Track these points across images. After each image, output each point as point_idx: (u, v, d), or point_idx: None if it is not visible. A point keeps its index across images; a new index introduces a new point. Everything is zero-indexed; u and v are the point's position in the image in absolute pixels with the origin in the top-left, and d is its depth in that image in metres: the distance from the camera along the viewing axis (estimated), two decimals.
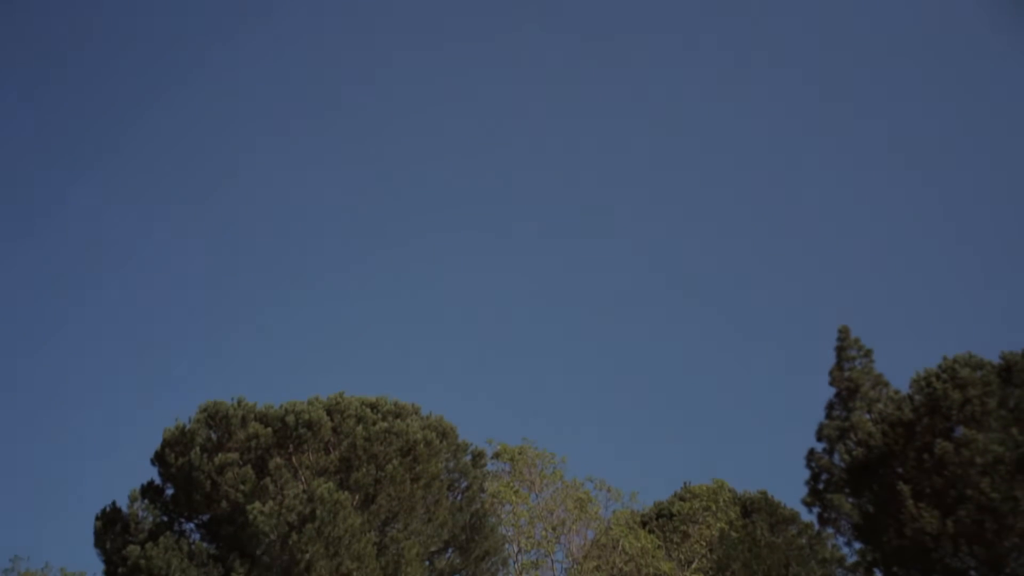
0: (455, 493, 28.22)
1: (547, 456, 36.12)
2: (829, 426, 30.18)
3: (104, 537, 24.36)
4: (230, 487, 22.65)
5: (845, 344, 32.82)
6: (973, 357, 19.51)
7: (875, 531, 20.03)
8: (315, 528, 21.22)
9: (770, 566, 32.82)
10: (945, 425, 18.88)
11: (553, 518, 34.10)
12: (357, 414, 25.13)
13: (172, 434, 24.71)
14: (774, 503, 37.53)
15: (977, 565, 17.98)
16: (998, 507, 17.16)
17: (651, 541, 32.56)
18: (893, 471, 19.62)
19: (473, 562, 27.56)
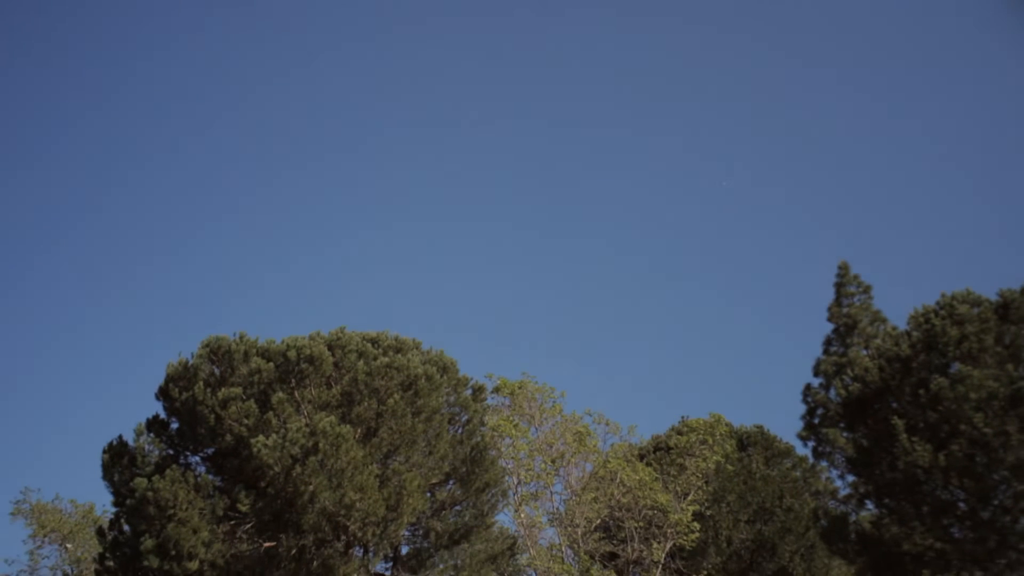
0: (456, 427, 28.55)
1: (546, 390, 36.50)
2: (826, 362, 30.38)
3: (111, 470, 24.74)
4: (234, 421, 22.89)
5: (844, 280, 32.81)
6: (971, 294, 19.51)
7: (868, 464, 20.31)
8: (318, 461, 21.50)
9: (764, 498, 33.51)
10: (941, 361, 18.99)
11: (552, 451, 34.59)
12: (358, 349, 25.26)
13: (175, 369, 24.89)
14: (770, 437, 38.10)
15: (966, 497, 18.30)
16: (990, 441, 17.38)
17: (648, 473, 33.10)
18: (888, 406, 19.79)
19: (474, 493, 28.02)
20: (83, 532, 38.90)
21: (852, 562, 21.56)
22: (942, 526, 18.61)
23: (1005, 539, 17.91)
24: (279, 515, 22.50)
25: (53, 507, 39.73)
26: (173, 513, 21.75)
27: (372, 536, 23.32)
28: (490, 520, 28.92)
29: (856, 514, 21.82)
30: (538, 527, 33.95)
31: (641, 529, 32.43)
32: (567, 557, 32.78)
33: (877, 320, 31.10)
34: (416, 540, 28.20)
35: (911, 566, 18.75)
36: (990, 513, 18.13)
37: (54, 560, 39.44)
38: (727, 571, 34.14)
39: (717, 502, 33.86)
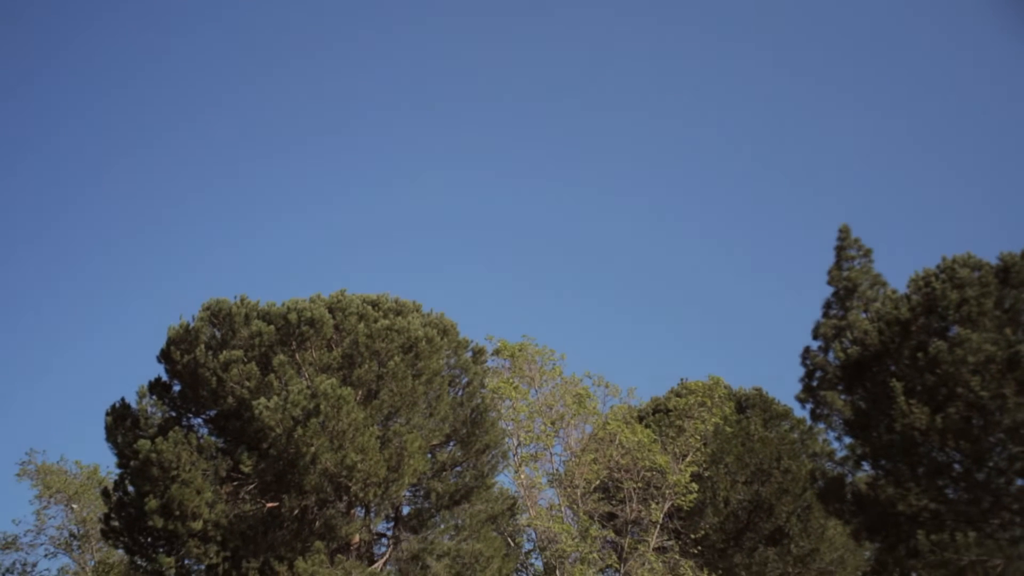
0: (456, 389, 28.70)
1: (546, 353, 36.60)
2: (825, 325, 30.48)
3: (115, 432, 24.93)
4: (235, 383, 23.03)
5: (845, 243, 32.74)
6: (972, 258, 19.47)
7: (866, 426, 20.44)
8: (319, 422, 21.65)
9: (762, 459, 33.81)
10: (941, 325, 19.02)
11: (552, 413, 34.79)
12: (359, 312, 25.31)
13: (176, 332, 24.96)
14: (768, 399, 38.32)
15: (962, 459, 18.47)
16: (986, 404, 17.48)
17: (647, 435, 33.31)
18: (886, 369, 19.87)
19: (474, 455, 28.27)
20: (88, 493, 39.37)
21: (848, 522, 21.83)
22: (937, 487, 18.80)
23: (999, 500, 18.11)
24: (281, 476, 22.72)
25: (58, 468, 40.18)
26: (176, 474, 21.97)
27: (373, 497, 23.57)
28: (490, 481, 29.22)
29: (852, 475, 22.11)
30: (538, 488, 34.30)
31: (639, 490, 32.75)
32: (566, 517, 33.14)
33: (877, 283, 31.10)
34: (417, 500, 28.53)
35: (906, 526, 18.98)
36: (985, 475, 18.31)
37: (60, 520, 40.01)
38: (724, 531, 34.56)
39: (715, 463, 34.17)
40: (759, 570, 34.33)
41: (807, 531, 33.13)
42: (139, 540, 24.27)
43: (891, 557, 21.66)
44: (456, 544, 25.28)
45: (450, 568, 24.70)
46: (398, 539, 26.67)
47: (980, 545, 17.38)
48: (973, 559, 17.33)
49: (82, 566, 40.62)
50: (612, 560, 32.44)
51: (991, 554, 17.41)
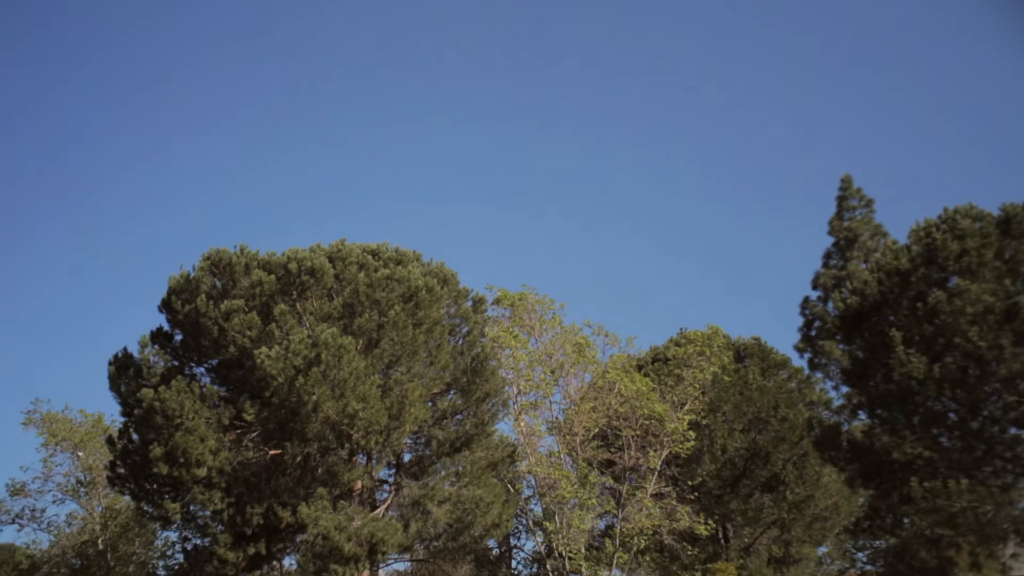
0: (456, 338, 28.82)
1: (546, 302, 36.65)
2: (825, 275, 30.44)
3: (118, 381, 25.11)
4: (237, 333, 23.10)
5: (847, 194, 32.53)
6: (974, 208, 19.34)
7: (863, 376, 20.52)
8: (320, 371, 21.76)
9: (760, 408, 34.14)
10: (940, 275, 18.98)
11: (552, 362, 34.98)
12: (359, 261, 25.28)
13: (177, 282, 24.97)
14: (766, 348, 38.52)
15: (957, 408, 18.60)
16: (983, 354, 17.54)
17: (646, 384, 33.55)
18: (885, 319, 19.90)
19: (474, 403, 28.50)
20: (93, 441, 39.80)
21: (843, 470, 22.08)
22: (932, 436, 18.99)
23: (992, 448, 18.30)
24: (284, 424, 22.95)
25: (63, 417, 40.56)
26: (180, 422, 22.19)
27: (375, 444, 23.84)
28: (490, 428, 29.53)
29: (848, 424, 22.26)
30: (537, 435, 34.64)
31: (638, 437, 33.10)
32: (566, 464, 33.55)
33: (878, 234, 30.98)
34: (418, 448, 28.86)
35: (900, 474, 19.24)
36: (979, 423, 18.46)
37: (67, 467, 40.51)
38: (721, 478, 35.08)
39: (713, 412, 34.50)
40: (755, 516, 34.97)
41: (802, 478, 33.62)
42: (145, 487, 24.63)
43: (884, 503, 22.03)
44: (457, 490, 25.64)
45: (451, 513, 25.09)
46: (399, 485, 27.05)
47: (972, 492, 17.65)
48: (964, 506, 17.62)
49: (90, 512, 41.28)
50: (610, 506, 32.96)
51: (982, 501, 17.69)
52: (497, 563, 42.75)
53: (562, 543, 31.50)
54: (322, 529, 22.06)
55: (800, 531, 34.68)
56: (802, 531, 34.70)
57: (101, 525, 40.07)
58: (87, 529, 40.59)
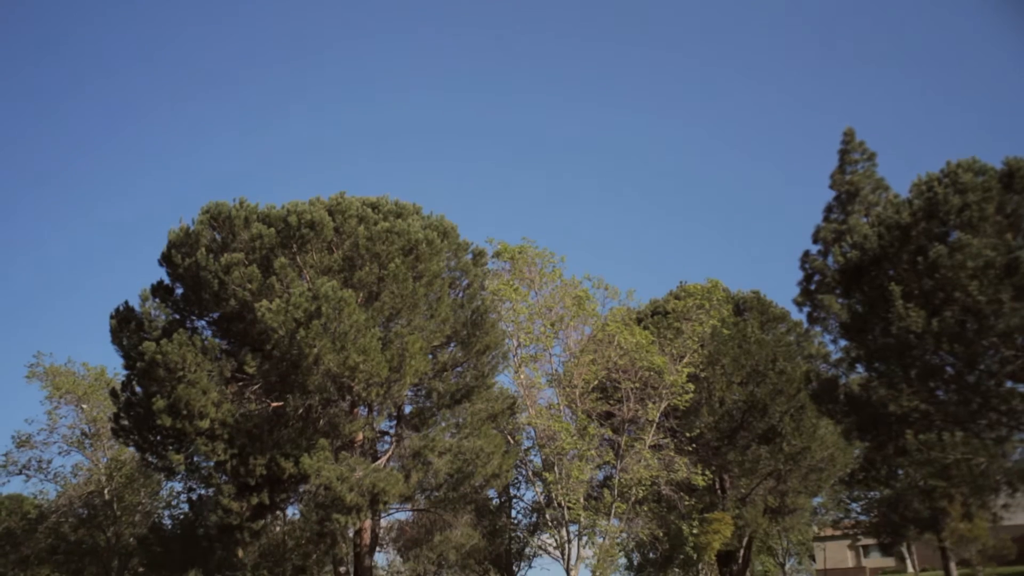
0: (456, 291, 28.85)
1: (546, 255, 36.61)
2: (826, 229, 30.33)
3: (120, 334, 25.20)
4: (237, 286, 23.10)
5: (849, 147, 32.22)
6: (977, 162, 19.18)
7: (861, 330, 20.58)
8: (321, 324, 21.81)
9: (758, 361, 34.33)
10: (941, 230, 18.91)
11: (552, 315, 35.07)
12: (359, 214, 25.19)
13: (177, 236, 24.91)
14: (766, 302, 38.59)
15: (954, 362, 18.68)
16: (982, 308, 17.56)
17: (645, 337, 33.68)
18: (885, 273, 19.87)
19: (474, 355, 28.64)
20: (97, 393, 40.13)
21: (839, 422, 22.28)
22: (928, 389, 19.11)
23: (987, 401, 18.42)
24: (285, 376, 23.10)
25: (66, 370, 40.85)
26: (182, 375, 22.34)
27: (376, 396, 24.01)
28: (491, 381, 29.73)
29: (846, 377, 22.39)
30: (537, 387, 34.87)
31: (637, 390, 33.35)
32: (565, 416, 33.86)
33: (879, 188, 30.76)
34: (419, 400, 29.09)
35: (895, 426, 19.41)
36: (976, 377, 18.56)
37: (71, 419, 40.94)
38: (719, 430, 35.44)
39: (712, 365, 34.70)
40: (751, 467, 35.39)
41: (799, 430, 33.96)
42: (148, 438, 24.89)
43: (879, 455, 22.30)
44: (457, 441, 25.90)
45: (451, 464, 25.39)
46: (400, 437, 27.33)
47: (966, 444, 17.82)
48: (958, 458, 17.80)
49: (95, 463, 41.81)
50: (609, 457, 33.33)
51: (976, 453, 17.87)
52: (497, 513, 43.42)
53: (561, 493, 31.95)
54: (324, 479, 22.33)
55: (796, 482, 35.15)
56: (798, 482, 35.17)
57: (107, 476, 40.63)
58: (93, 480, 41.17)
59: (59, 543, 39.66)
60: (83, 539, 39.88)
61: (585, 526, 33.11)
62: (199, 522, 26.00)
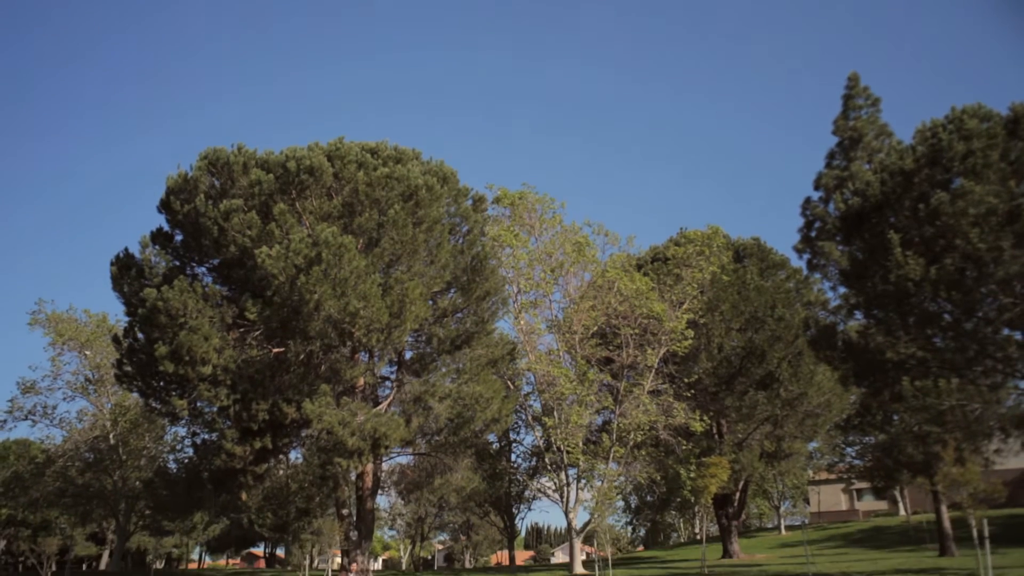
0: (456, 237, 28.79)
1: (547, 201, 36.51)
2: (828, 175, 30.04)
3: (121, 281, 25.23)
4: (237, 232, 23.04)
5: (853, 92, 31.78)
6: (982, 108, 18.91)
7: (861, 277, 20.52)
8: (321, 270, 21.80)
9: (757, 307, 34.45)
10: (944, 176, 18.72)
11: (552, 261, 35.11)
12: (358, 159, 24.99)
13: (175, 182, 24.77)
14: (766, 249, 38.56)
15: (952, 309, 18.69)
16: (982, 256, 17.49)
17: (645, 283, 33.76)
18: (886, 220, 19.75)
19: (474, 301, 28.72)
20: (99, 340, 40.41)
21: (837, 368, 22.35)
22: (926, 336, 19.16)
23: (984, 348, 18.48)
24: (286, 323, 23.17)
25: (68, 317, 41.06)
26: (184, 321, 22.42)
27: (376, 342, 24.12)
28: (491, 327, 29.88)
29: (844, 324, 22.40)
30: (537, 333, 35.08)
31: (636, 336, 33.53)
32: (565, 361, 34.12)
33: (883, 134, 30.37)
34: (419, 345, 29.28)
35: (892, 373, 19.52)
36: (973, 324, 18.59)
37: (75, 366, 41.31)
38: (717, 376, 35.73)
39: (711, 311, 34.82)
40: (749, 412, 35.78)
41: (797, 376, 34.25)
42: (152, 384, 25.09)
43: (875, 401, 22.48)
44: (457, 386, 26.11)
45: (451, 409, 25.64)
46: (401, 382, 27.56)
47: (961, 391, 17.95)
48: (953, 404, 17.95)
49: (99, 408, 42.29)
50: (608, 402, 33.71)
51: (971, 399, 18.01)
52: (497, 457, 44.10)
53: (560, 437, 32.38)
54: (326, 424, 22.56)
55: (792, 427, 35.57)
56: (794, 427, 35.59)
57: (111, 421, 41.13)
58: (98, 425, 41.69)
59: (67, 487, 40.33)
60: (90, 483, 40.54)
61: (584, 470, 33.63)
62: (203, 466, 26.35)
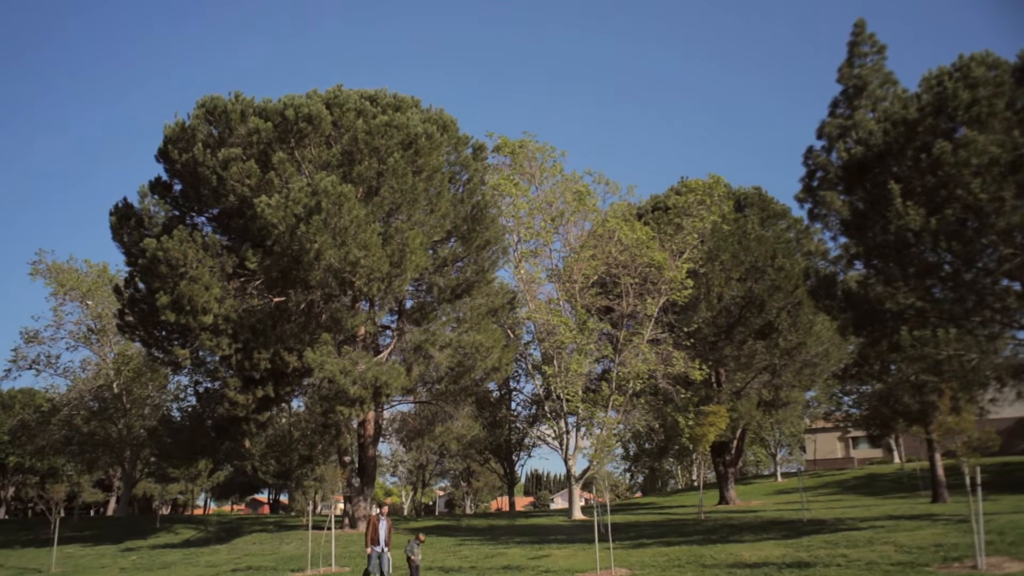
0: (456, 185, 28.70)
1: (547, 149, 36.22)
2: (831, 124, 29.70)
3: (121, 231, 25.22)
4: (236, 181, 22.97)
5: (859, 39, 31.23)
6: (990, 55, 18.56)
7: (862, 227, 20.44)
8: (321, 219, 21.78)
9: (757, 257, 34.42)
10: (948, 126, 18.49)
11: (552, 210, 34.97)
12: (357, 107, 24.79)
13: (173, 131, 24.58)
14: (767, 198, 38.38)
15: (952, 260, 18.63)
16: (984, 206, 17.38)
17: (646, 232, 33.67)
18: (888, 170, 19.61)
19: (475, 251, 28.75)
20: (100, 290, 40.53)
21: (836, 318, 22.40)
22: (925, 287, 19.15)
23: (983, 299, 18.49)
24: (287, 272, 23.23)
25: (69, 267, 41.11)
26: (184, 271, 22.49)
27: (377, 291, 24.22)
28: (491, 276, 29.97)
29: (844, 274, 22.40)
30: (537, 282, 35.14)
31: (636, 285, 33.58)
32: (565, 310, 34.22)
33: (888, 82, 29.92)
34: (420, 294, 29.40)
35: (891, 323, 19.57)
36: (973, 275, 18.56)
37: (77, 316, 41.48)
38: (716, 325, 35.88)
39: (711, 261, 34.81)
40: (747, 361, 36.01)
41: (796, 326, 34.40)
42: (154, 334, 25.26)
43: (873, 351, 22.57)
44: (457, 335, 26.27)
45: (452, 358, 25.84)
46: (402, 331, 27.73)
47: (959, 341, 18.00)
48: (951, 354, 18.02)
49: (103, 358, 42.58)
50: (608, 351, 33.88)
51: (968, 349, 18.07)
52: (497, 405, 44.56)
53: (560, 386, 32.64)
54: (328, 373, 22.76)
55: (790, 376, 35.84)
56: (792, 376, 35.86)
57: (115, 370, 41.46)
58: (101, 374, 42.04)
59: (72, 435, 40.83)
60: (95, 431, 41.03)
61: (583, 418, 33.98)
62: (207, 414, 26.67)
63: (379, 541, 13.70)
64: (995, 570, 11.58)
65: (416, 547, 14.17)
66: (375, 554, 13.65)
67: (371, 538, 13.72)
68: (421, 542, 14.35)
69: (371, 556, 13.68)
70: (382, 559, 13.68)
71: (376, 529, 13.75)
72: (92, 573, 22.04)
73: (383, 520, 14.01)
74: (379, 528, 13.77)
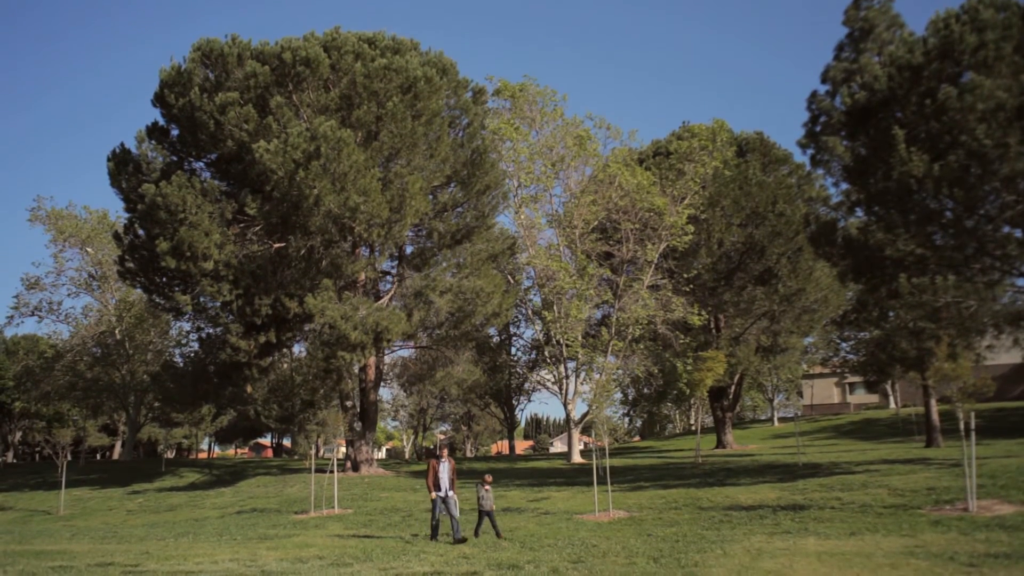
0: (456, 130, 28.46)
1: (548, 93, 35.80)
2: (836, 68, 29.19)
3: (119, 177, 25.07)
4: (233, 126, 22.76)
5: None
6: None
7: (864, 173, 20.28)
8: (321, 165, 21.67)
9: (758, 203, 34.28)
10: (954, 71, 18.22)
11: (552, 155, 34.71)
12: (355, 50, 24.42)
13: (169, 75, 24.25)
14: (769, 143, 38.03)
15: (954, 207, 18.54)
16: (988, 152, 17.22)
17: (647, 178, 33.48)
18: (892, 115, 19.39)
19: (475, 196, 28.63)
20: (100, 236, 40.46)
21: (835, 265, 22.37)
22: (926, 233, 19.09)
23: (983, 246, 18.44)
24: (286, 218, 23.19)
25: (68, 213, 40.98)
26: (184, 217, 22.43)
27: (377, 237, 24.20)
28: (491, 221, 29.90)
29: (845, 220, 22.30)
30: (537, 228, 35.08)
31: (636, 231, 33.53)
32: (565, 256, 34.23)
33: (895, 25, 29.29)
34: (420, 240, 29.37)
35: (890, 269, 19.57)
36: (974, 222, 18.49)
37: (78, 262, 41.48)
38: (716, 271, 35.91)
39: (712, 206, 34.68)
40: (746, 307, 36.14)
41: (795, 272, 34.42)
42: (154, 280, 25.32)
43: (872, 298, 22.64)
44: (458, 281, 26.34)
45: (452, 303, 25.93)
46: (402, 276, 27.79)
47: (958, 288, 18.03)
48: (949, 301, 18.07)
49: (104, 304, 42.72)
50: (608, 296, 34.00)
51: (966, 296, 18.11)
52: (497, 350, 44.87)
53: (560, 331, 32.83)
54: (329, 318, 22.88)
55: (789, 322, 35.98)
56: (791, 322, 36.01)
57: (116, 316, 41.64)
58: (104, 320, 42.23)
59: (76, 380, 41.17)
60: (99, 376, 41.36)
61: (583, 363, 34.26)
62: (209, 360, 26.87)
63: (440, 486, 12.73)
64: (986, 512, 11.82)
65: (485, 492, 13.04)
66: (439, 500, 12.74)
67: (432, 483, 12.80)
68: (489, 485, 13.15)
69: (435, 503, 12.80)
70: (447, 503, 12.73)
71: (436, 473, 12.82)
72: (100, 515, 22.47)
73: (444, 463, 12.90)
74: (440, 472, 12.82)
